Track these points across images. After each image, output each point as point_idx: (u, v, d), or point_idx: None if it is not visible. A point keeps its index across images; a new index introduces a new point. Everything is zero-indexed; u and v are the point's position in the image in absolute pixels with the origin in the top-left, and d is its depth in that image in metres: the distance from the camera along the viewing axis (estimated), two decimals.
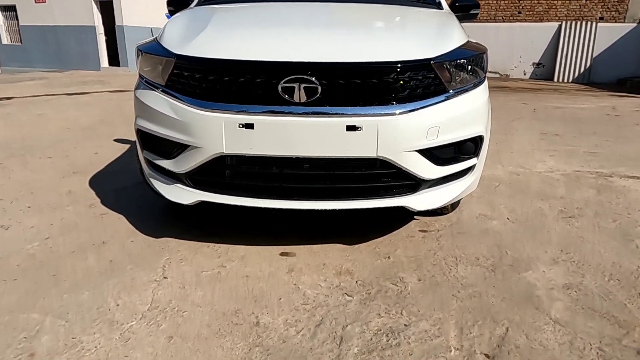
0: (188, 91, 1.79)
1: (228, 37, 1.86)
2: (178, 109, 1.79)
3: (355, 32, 1.94)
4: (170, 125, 1.82)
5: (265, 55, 1.70)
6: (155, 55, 1.90)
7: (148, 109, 1.92)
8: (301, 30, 1.91)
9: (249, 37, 1.86)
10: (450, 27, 2.12)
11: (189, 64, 1.78)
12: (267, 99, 1.70)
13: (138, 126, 2.02)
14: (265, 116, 1.69)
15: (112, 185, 3.03)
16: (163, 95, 1.86)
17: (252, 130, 1.70)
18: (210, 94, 1.75)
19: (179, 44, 1.86)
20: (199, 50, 1.78)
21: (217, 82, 1.74)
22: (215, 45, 1.79)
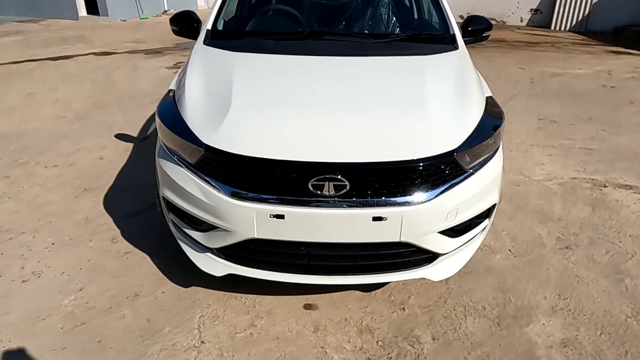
0: (219, 177, 1.84)
1: (256, 125, 1.88)
2: (209, 193, 1.85)
3: (379, 119, 1.94)
4: (200, 206, 1.89)
5: (296, 154, 1.74)
6: (181, 139, 1.91)
7: (174, 184, 1.96)
8: (328, 119, 1.92)
9: (277, 126, 1.88)
10: (471, 92, 2.15)
11: (219, 156, 1.81)
12: (297, 192, 1.77)
13: (164, 195, 2.07)
14: (295, 208, 1.77)
15: (126, 208, 3.10)
16: (192, 175, 1.90)
17: (283, 220, 1.78)
18: (242, 184, 1.80)
19: (205, 129, 1.87)
20: (229, 143, 1.80)
21: (248, 175, 1.79)
22: (245, 138, 1.81)
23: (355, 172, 1.74)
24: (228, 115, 1.89)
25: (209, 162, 1.85)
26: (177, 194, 1.97)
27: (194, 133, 1.88)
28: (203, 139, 1.84)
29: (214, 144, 1.81)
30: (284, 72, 2.29)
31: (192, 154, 1.88)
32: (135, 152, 4.03)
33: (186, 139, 1.88)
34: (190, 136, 1.88)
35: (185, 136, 1.89)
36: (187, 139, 1.88)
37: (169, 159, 2.01)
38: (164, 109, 2.13)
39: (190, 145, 1.87)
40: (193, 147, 1.86)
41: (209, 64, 2.39)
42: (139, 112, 5.08)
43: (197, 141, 1.85)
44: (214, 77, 2.23)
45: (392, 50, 2.53)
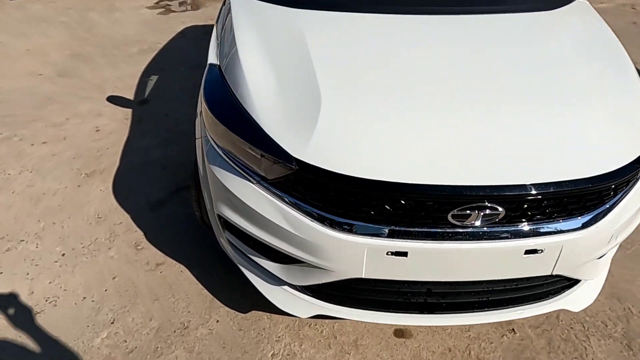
0: (314, 203, 1.33)
1: (365, 132, 1.35)
2: (297, 222, 1.35)
3: (534, 119, 1.41)
4: (280, 235, 1.40)
5: (434, 176, 1.23)
6: (257, 149, 1.36)
7: (239, 203, 1.45)
8: (463, 120, 1.38)
9: (398, 133, 1.34)
10: (630, 71, 1.64)
11: (319, 177, 1.28)
12: (429, 223, 1.29)
13: (220, 213, 1.55)
14: (424, 243, 1.30)
15: (143, 197, 2.56)
16: (269, 196, 1.39)
17: (405, 258, 1.32)
18: (347, 212, 1.30)
19: (292, 137, 1.33)
20: (333, 159, 1.27)
21: (362, 202, 1.29)
22: (355, 152, 1.29)
23: (513, 198, 1.26)
24: (321, 117, 1.35)
25: (299, 182, 1.33)
26: (244, 215, 1.46)
27: (276, 143, 1.33)
28: (293, 153, 1.30)
29: (312, 161, 1.28)
30: (378, 42, 1.69)
31: (272, 170, 1.35)
32: (138, 120, 3.39)
33: (266, 150, 1.34)
34: (271, 147, 1.34)
35: (264, 147, 1.35)
36: (267, 150, 1.34)
37: (230, 169, 1.48)
38: (216, 98, 1.54)
39: (272, 158, 1.33)
40: (274, 162, 1.33)
41: (266, 29, 1.76)
42: (129, 67, 4.32)
43: (283, 155, 1.32)
44: (280, 52, 1.63)
45: (498, 4, 1.94)
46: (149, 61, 4.45)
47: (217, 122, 1.47)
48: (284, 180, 1.34)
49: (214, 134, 1.51)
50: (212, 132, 1.53)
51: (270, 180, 1.37)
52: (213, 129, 1.52)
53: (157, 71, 4.22)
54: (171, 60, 4.49)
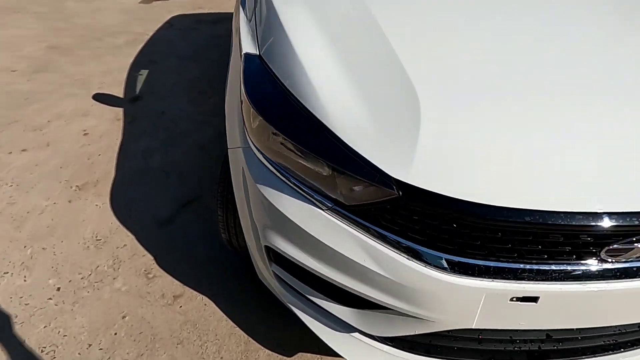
0: (411, 235, 1.00)
1: (478, 146, 1.00)
2: (385, 259, 1.02)
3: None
4: (359, 276, 1.07)
5: (582, 202, 0.92)
6: (331, 164, 1.02)
7: (298, 232, 1.11)
8: (592, 125, 1.07)
9: (519, 148, 1.00)
10: None
11: (426, 204, 0.96)
12: (571, 260, 0.98)
13: (270, 244, 1.21)
14: (562, 285, 0.99)
15: (148, 212, 2.19)
16: (344, 224, 1.05)
17: (534, 304, 1.01)
18: (462, 249, 0.98)
19: (381, 150, 0.99)
20: (441, 181, 0.94)
21: (481, 236, 0.97)
22: (473, 172, 0.96)
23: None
24: (423, 126, 1.00)
25: (396, 210, 1.00)
26: (306, 248, 1.12)
27: (368, 161, 0.99)
28: (394, 174, 0.96)
29: (423, 184, 0.94)
30: (467, 25, 1.35)
31: (354, 194, 1.02)
32: (131, 120, 2.99)
33: (353, 170, 1.00)
34: (359, 166, 0.99)
35: (350, 166, 1.00)
36: (354, 171, 1.00)
37: (287, 191, 1.13)
38: (268, 100, 1.18)
39: (359, 180, 1.00)
40: (363, 185, 1.00)
41: (320, 9, 1.39)
42: (115, 59, 3.89)
43: (377, 177, 0.97)
44: (346, 36, 1.28)
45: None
46: (137, 53, 4.03)
47: (274, 130, 1.12)
48: (372, 207, 1.01)
49: (265, 145, 1.17)
50: (262, 143, 1.18)
51: (349, 206, 1.04)
52: (263, 139, 1.17)
53: (148, 64, 3.81)
54: (161, 52, 4.07)
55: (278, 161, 1.15)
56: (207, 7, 5.49)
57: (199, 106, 3.23)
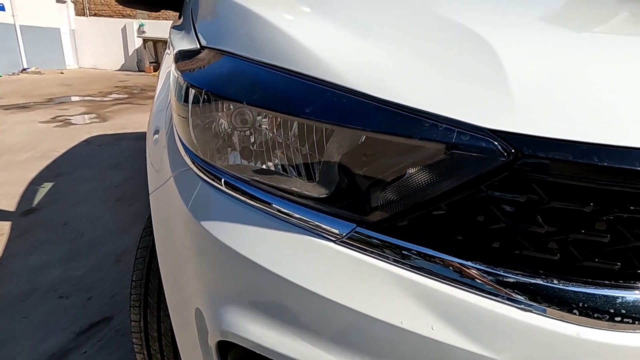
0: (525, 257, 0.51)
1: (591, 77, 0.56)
2: (476, 316, 0.50)
3: None
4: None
5: None
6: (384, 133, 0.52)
7: (286, 290, 0.57)
8: None
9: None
10: None
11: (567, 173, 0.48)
12: None
13: (227, 333, 0.63)
14: None
15: (28, 349, 1.44)
16: (379, 261, 0.54)
17: None
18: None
19: (455, 100, 0.52)
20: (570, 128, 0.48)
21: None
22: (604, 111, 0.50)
23: None
24: (508, 69, 0.54)
25: (493, 204, 0.50)
26: (305, 327, 0.57)
27: (443, 116, 0.50)
28: (495, 125, 0.49)
29: (552, 132, 0.47)
30: None
31: (398, 186, 0.53)
32: (19, 235, 2.28)
33: (409, 134, 0.50)
34: (420, 129, 0.50)
35: (402, 129, 0.51)
36: (411, 134, 0.50)
37: (255, 220, 0.61)
38: (224, 77, 0.68)
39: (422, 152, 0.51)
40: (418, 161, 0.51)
41: None
42: (10, 174, 3.25)
43: (461, 136, 0.49)
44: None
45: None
46: (43, 168, 3.43)
47: (251, 109, 0.62)
48: (434, 210, 0.51)
49: (217, 151, 0.66)
50: (212, 149, 0.67)
51: (387, 221, 0.54)
52: (215, 143, 0.66)
53: (54, 177, 3.21)
54: (72, 165, 3.52)
55: (240, 175, 0.65)
56: (132, 127, 5.18)
57: (116, 213, 2.63)
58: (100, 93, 8.38)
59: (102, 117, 5.82)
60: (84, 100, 7.40)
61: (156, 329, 0.98)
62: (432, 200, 0.51)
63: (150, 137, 1.09)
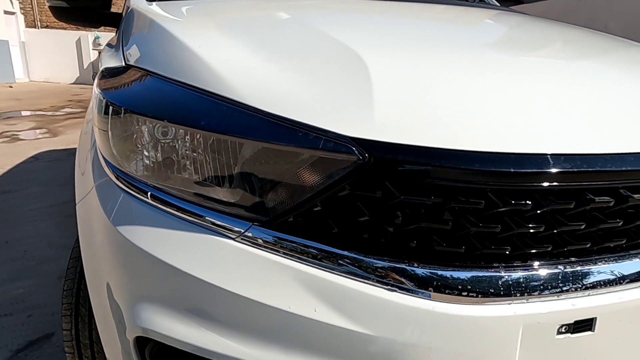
0: (385, 244, 0.60)
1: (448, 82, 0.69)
2: (350, 298, 0.58)
3: None
4: (309, 347, 0.60)
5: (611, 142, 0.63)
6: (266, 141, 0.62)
7: (192, 285, 0.64)
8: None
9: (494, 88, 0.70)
10: None
11: (410, 176, 0.58)
12: (621, 243, 0.65)
13: (144, 329, 0.69)
14: (622, 292, 0.64)
15: None
16: (272, 255, 0.62)
17: (589, 334, 0.63)
18: (470, 252, 0.60)
19: (324, 111, 0.62)
20: (422, 135, 0.59)
21: (498, 219, 0.60)
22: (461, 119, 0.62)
23: None
24: (375, 79, 0.66)
25: (353, 202, 0.60)
26: (212, 318, 0.63)
27: (309, 125, 0.60)
28: (351, 133, 0.58)
29: (400, 138, 0.57)
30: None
31: (282, 190, 0.62)
32: None
33: (284, 141, 0.60)
34: (291, 137, 0.60)
35: (278, 138, 0.60)
36: (286, 142, 0.60)
37: (164, 223, 0.68)
38: (141, 93, 0.75)
39: (297, 158, 0.60)
40: (294, 167, 0.61)
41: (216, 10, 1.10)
42: None
43: (326, 142, 0.58)
44: (256, 30, 0.94)
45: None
46: None
47: (162, 124, 0.68)
48: (316, 205, 0.60)
49: (132, 160, 0.72)
50: (127, 157, 0.73)
51: (280, 217, 0.62)
52: (130, 152, 0.72)
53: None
54: (20, 182, 3.43)
55: (152, 183, 0.71)
56: None
57: (65, 230, 2.59)
58: (52, 107, 8.13)
59: (53, 132, 5.67)
60: (34, 114, 7.17)
61: (87, 337, 1.01)
62: (309, 199, 0.59)
63: (79, 148, 1.13)
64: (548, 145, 0.60)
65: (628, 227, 0.64)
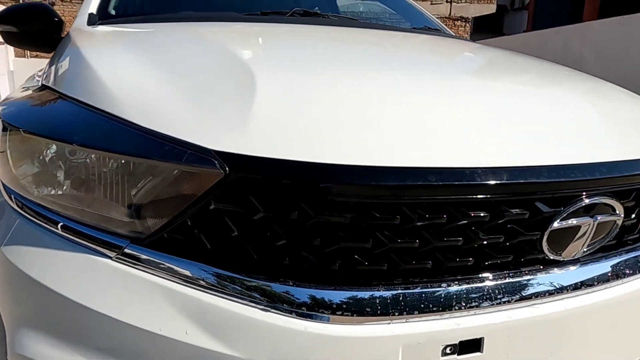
0: (252, 262, 0.59)
1: (326, 98, 0.70)
2: (219, 319, 0.57)
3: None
4: None
5: (488, 156, 0.62)
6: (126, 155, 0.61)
7: (68, 308, 0.62)
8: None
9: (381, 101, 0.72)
10: None
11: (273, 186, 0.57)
12: (506, 259, 0.64)
13: (21, 356, 0.65)
14: (511, 310, 0.62)
15: None
16: (150, 274, 0.60)
17: (477, 355, 0.61)
18: (340, 270, 0.58)
19: (200, 126, 0.62)
20: (290, 144, 0.59)
21: (365, 232, 0.59)
22: (328, 131, 0.63)
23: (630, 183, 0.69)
24: (258, 91, 0.66)
25: (219, 216, 0.59)
26: (89, 342, 0.61)
27: (170, 136, 0.59)
28: (212, 145, 0.57)
29: (260, 151, 0.56)
30: (287, 38, 1.16)
31: (155, 206, 0.60)
32: None
33: (148, 154, 0.59)
34: (158, 147, 0.59)
35: (143, 150, 0.59)
36: (150, 154, 0.59)
37: (45, 241, 0.66)
38: (25, 110, 0.78)
39: (163, 173, 0.59)
40: (163, 182, 0.59)
41: (130, 41, 1.11)
42: None
43: (190, 155, 0.57)
44: (158, 54, 0.93)
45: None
46: None
47: (44, 140, 0.68)
48: (190, 230, 0.58)
49: (15, 177, 0.70)
50: (9, 175, 0.71)
51: (153, 237, 0.60)
52: (12, 169, 0.71)
53: None
54: None
55: (32, 198, 0.69)
56: None
57: None
58: None
59: None
60: None
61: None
62: (179, 214, 0.58)
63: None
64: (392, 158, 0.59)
65: (512, 242, 0.63)
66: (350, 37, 1.21)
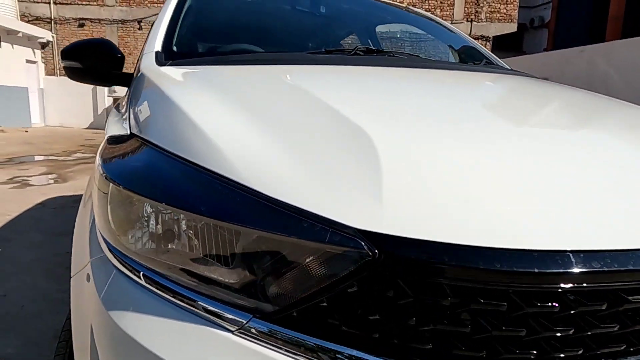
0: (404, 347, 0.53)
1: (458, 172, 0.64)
2: None
3: None
4: None
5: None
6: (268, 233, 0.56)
7: None
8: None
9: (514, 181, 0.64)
10: None
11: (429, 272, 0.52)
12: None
13: None
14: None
15: None
16: (273, 352, 0.55)
17: None
18: None
19: (332, 202, 0.57)
20: (438, 227, 0.54)
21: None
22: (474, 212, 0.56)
23: None
24: (384, 162, 0.62)
25: (364, 301, 0.54)
26: None
27: (315, 214, 0.55)
28: (360, 225, 0.53)
29: (414, 233, 0.52)
30: (383, 87, 1.13)
31: (284, 283, 0.56)
32: None
33: (288, 232, 0.54)
34: (297, 228, 0.54)
35: (281, 229, 0.55)
36: (289, 233, 0.54)
37: (160, 311, 0.62)
38: (144, 172, 0.73)
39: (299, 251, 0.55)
40: (298, 259, 0.55)
41: (222, 88, 1.04)
42: None
43: (333, 235, 0.53)
44: (264, 110, 0.87)
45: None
46: None
47: (160, 206, 0.65)
48: (321, 301, 0.55)
49: (129, 243, 0.68)
50: (124, 240, 0.69)
51: (282, 312, 0.56)
52: (126, 233, 0.69)
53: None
54: (22, 230, 3.40)
55: (151, 266, 0.66)
56: None
57: (62, 284, 2.53)
58: (64, 152, 8.27)
59: (62, 177, 5.72)
60: (46, 159, 7.28)
61: None
62: (315, 293, 0.54)
63: (77, 220, 1.10)
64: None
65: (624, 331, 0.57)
66: (434, 83, 1.16)
